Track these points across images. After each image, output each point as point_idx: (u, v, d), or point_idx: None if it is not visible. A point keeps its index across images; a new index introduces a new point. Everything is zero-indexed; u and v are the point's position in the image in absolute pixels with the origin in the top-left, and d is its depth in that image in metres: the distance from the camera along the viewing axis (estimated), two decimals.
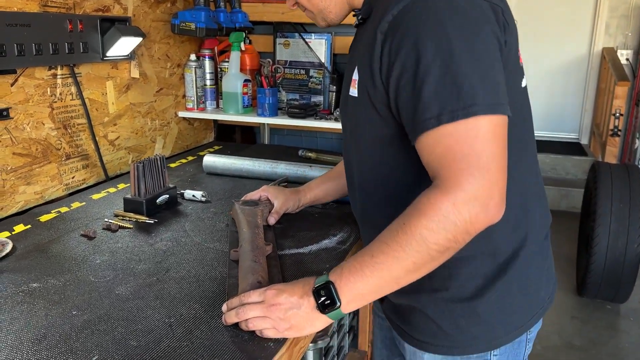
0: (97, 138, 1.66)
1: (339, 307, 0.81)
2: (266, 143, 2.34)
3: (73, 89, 1.57)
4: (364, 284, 0.80)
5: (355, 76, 0.91)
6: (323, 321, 0.84)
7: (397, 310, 1.00)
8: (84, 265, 1.11)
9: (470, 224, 0.75)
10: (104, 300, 0.97)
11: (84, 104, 1.60)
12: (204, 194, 1.52)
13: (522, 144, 0.92)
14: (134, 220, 1.36)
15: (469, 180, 0.74)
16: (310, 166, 1.67)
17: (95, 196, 1.56)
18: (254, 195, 1.36)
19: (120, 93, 1.76)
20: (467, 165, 0.75)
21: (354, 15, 0.99)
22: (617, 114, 4.27)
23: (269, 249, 1.14)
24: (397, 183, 0.92)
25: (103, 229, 1.31)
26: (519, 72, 0.91)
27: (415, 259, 0.76)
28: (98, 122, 1.68)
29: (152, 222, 1.35)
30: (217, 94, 2.19)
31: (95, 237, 1.26)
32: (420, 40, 0.77)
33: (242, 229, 1.19)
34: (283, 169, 1.69)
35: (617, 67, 4.57)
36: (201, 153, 2.10)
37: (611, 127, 4.35)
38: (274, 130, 2.39)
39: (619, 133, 4.35)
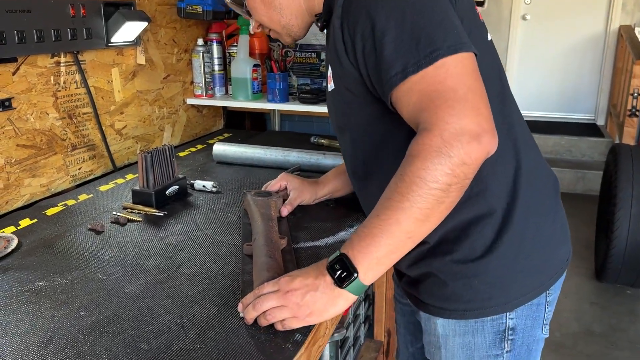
0: (103, 127, 1.61)
1: (357, 277, 0.77)
2: (277, 130, 2.29)
3: (77, 77, 1.51)
4: (376, 246, 0.76)
5: (329, 72, 0.94)
6: (344, 298, 0.79)
7: (413, 282, 0.98)
8: (92, 262, 1.06)
9: (464, 154, 0.72)
10: (112, 299, 0.93)
11: (89, 92, 1.55)
12: (214, 185, 1.47)
13: (502, 96, 0.91)
14: (143, 212, 1.32)
15: (450, 112, 0.72)
16: (324, 154, 1.61)
17: (103, 188, 1.51)
18: (274, 185, 1.30)
19: (126, 80, 1.70)
20: (444, 100, 0.73)
21: (316, 21, 0.98)
22: (636, 94, 4.15)
23: (284, 242, 1.09)
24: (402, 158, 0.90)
25: (111, 222, 1.26)
26: (481, 26, 0.91)
27: (421, 205, 0.73)
28: (104, 111, 1.63)
29: (162, 214, 1.30)
30: (226, 79, 2.13)
31: (103, 231, 1.21)
32: (371, 9, 0.78)
33: (256, 221, 1.14)
34: (295, 157, 1.63)
35: (635, 46, 4.43)
36: (211, 141, 2.05)
37: (629, 107, 4.22)
38: (285, 116, 2.32)
39: (637, 113, 4.24)
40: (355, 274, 0.76)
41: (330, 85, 0.95)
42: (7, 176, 1.34)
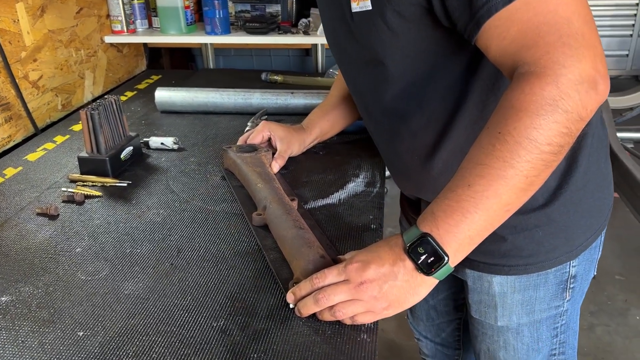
0: (17, 80, 1.28)
1: (448, 261, 0.63)
2: (212, 67, 2.02)
3: None
4: (468, 223, 0.62)
5: None
6: (427, 285, 0.65)
7: None
8: (61, 259, 0.83)
9: (582, 107, 0.59)
10: (113, 307, 0.72)
11: None
12: (175, 140, 1.24)
13: None
14: (100, 184, 1.07)
15: (567, 53, 0.58)
16: (292, 92, 1.42)
17: (32, 157, 1.22)
18: (255, 137, 1.11)
19: (34, 18, 1.36)
20: (558, 36, 0.58)
21: None
22: None
23: (295, 204, 0.93)
24: (452, 97, 0.76)
25: (64, 201, 1.01)
26: None
27: (528, 172, 0.60)
28: (14, 60, 1.29)
29: (125, 184, 1.07)
30: (148, 10, 1.81)
31: (58, 214, 0.97)
32: None
33: (256, 184, 0.96)
34: (259, 99, 1.42)
35: None
36: (139, 86, 1.76)
37: None
38: (218, 50, 2.06)
39: None
40: (446, 258, 0.62)
41: (360, 5, 0.73)
42: None
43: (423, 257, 0.63)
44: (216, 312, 0.71)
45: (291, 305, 0.70)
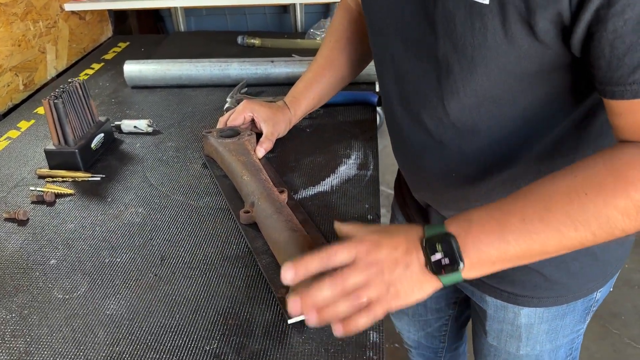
0: None
1: (461, 269, 0.56)
2: (182, 30, 1.89)
3: None
4: (500, 250, 0.55)
5: None
6: (432, 286, 0.57)
7: None
8: (34, 274, 0.77)
9: None
10: (95, 331, 0.66)
11: None
12: (149, 123, 1.15)
13: None
14: (71, 180, 0.99)
15: None
16: (272, 61, 1.32)
17: None
18: (236, 118, 1.02)
19: None
20: None
21: None
22: None
23: (284, 196, 0.86)
24: (533, 129, 0.65)
25: (32, 202, 0.93)
26: None
27: (586, 240, 0.54)
28: None
29: (99, 178, 0.99)
30: None
31: (27, 219, 0.89)
32: None
33: (242, 175, 0.88)
34: (237, 69, 1.32)
35: None
36: (106, 57, 1.63)
37: None
38: (189, 11, 1.92)
39: None
40: (461, 265, 0.55)
41: None
42: None
43: (438, 256, 0.56)
44: (208, 332, 0.65)
45: (289, 322, 0.65)
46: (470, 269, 0.56)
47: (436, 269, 0.56)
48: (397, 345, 1.87)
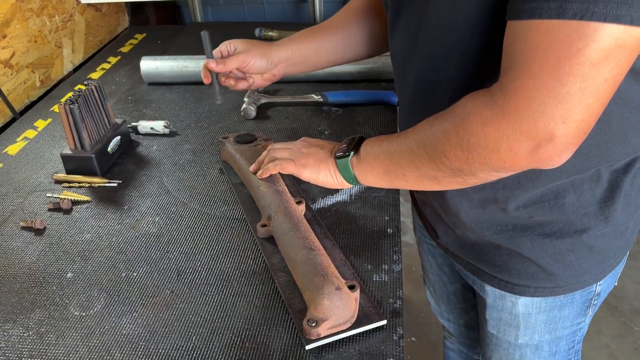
0: None
1: (350, 156, 0.72)
2: (199, 21, 1.86)
3: None
4: (375, 149, 0.70)
5: None
6: (329, 171, 0.76)
7: (471, 248, 0.77)
8: (51, 288, 0.76)
9: (511, 169, 0.56)
10: (112, 352, 0.66)
11: None
12: (166, 124, 1.13)
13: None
14: (88, 185, 0.98)
15: (548, 113, 0.49)
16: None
17: (12, 149, 1.12)
18: (215, 54, 0.94)
19: None
20: (553, 85, 0.48)
21: None
22: None
23: (302, 208, 0.85)
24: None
25: (49, 210, 0.93)
26: None
27: (424, 160, 0.63)
28: None
29: (116, 184, 0.98)
30: None
31: (44, 227, 0.88)
32: None
33: (259, 186, 0.86)
34: None
35: None
36: (123, 49, 1.62)
37: None
38: (206, 1, 1.88)
39: None
40: (352, 153, 0.72)
41: None
42: None
43: (343, 146, 0.74)
44: (225, 356, 0.64)
45: (307, 347, 0.63)
46: (358, 163, 0.72)
47: (336, 153, 0.75)
48: (415, 339, 1.86)
